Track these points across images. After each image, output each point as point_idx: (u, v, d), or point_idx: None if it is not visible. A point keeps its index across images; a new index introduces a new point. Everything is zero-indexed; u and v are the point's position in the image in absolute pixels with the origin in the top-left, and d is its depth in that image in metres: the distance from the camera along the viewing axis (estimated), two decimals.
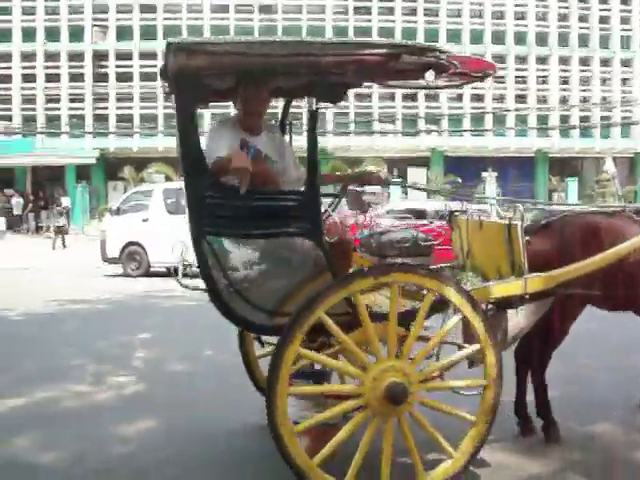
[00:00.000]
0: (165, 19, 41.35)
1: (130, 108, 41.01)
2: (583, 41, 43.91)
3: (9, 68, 40.53)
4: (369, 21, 42.60)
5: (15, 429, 5.44)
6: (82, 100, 41.16)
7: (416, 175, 40.73)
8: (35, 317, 10.94)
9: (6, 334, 9.62)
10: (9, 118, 40.78)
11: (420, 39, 39.71)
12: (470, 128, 41.68)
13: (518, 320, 4.44)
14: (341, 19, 42.66)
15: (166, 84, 4.44)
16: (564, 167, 44.56)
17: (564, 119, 42.91)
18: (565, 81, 44.17)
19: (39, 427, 5.54)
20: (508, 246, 4.34)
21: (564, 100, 44.10)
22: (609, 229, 4.79)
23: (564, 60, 43.91)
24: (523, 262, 4.30)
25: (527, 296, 4.32)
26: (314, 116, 3.94)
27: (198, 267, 3.94)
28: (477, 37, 42.97)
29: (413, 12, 43.27)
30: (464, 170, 39.78)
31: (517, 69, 43.31)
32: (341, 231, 4.31)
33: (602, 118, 42.91)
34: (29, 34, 40.70)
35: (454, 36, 42.35)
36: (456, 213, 5.34)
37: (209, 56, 3.70)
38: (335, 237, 3.98)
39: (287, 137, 4.98)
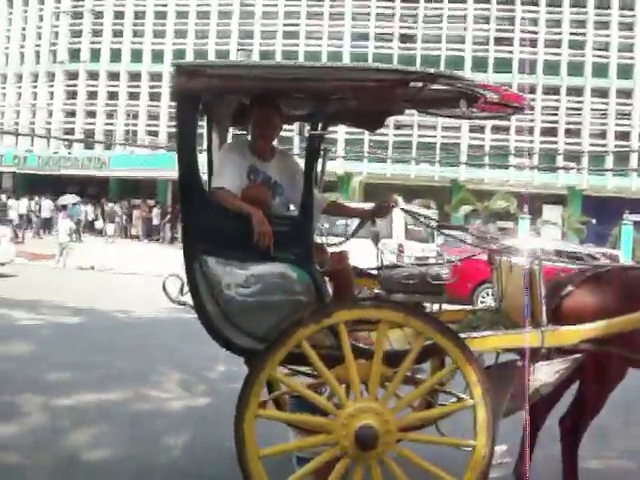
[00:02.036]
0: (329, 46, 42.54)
1: None
2: None
3: (159, 87, 42.76)
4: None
5: (81, 423, 5.93)
6: None
7: (551, 213, 39.32)
8: (139, 322, 11.32)
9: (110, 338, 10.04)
10: (155, 134, 43.14)
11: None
12: (613, 167, 39.79)
13: (541, 376, 4.00)
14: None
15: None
16: None
17: None
18: None
19: (103, 424, 5.92)
20: (528, 293, 4.05)
21: None
22: None
23: None
24: (541, 311, 3.98)
25: (548, 350, 3.98)
26: (313, 141, 3.90)
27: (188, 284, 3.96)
28: (626, 71, 41.20)
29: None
30: (604, 211, 38.01)
31: None
32: (337, 261, 4.21)
33: None
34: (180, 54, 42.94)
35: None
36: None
37: (210, 79, 3.79)
38: (326, 266, 3.89)
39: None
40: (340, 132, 40.59)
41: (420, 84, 3.87)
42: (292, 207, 4.36)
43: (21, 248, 24.91)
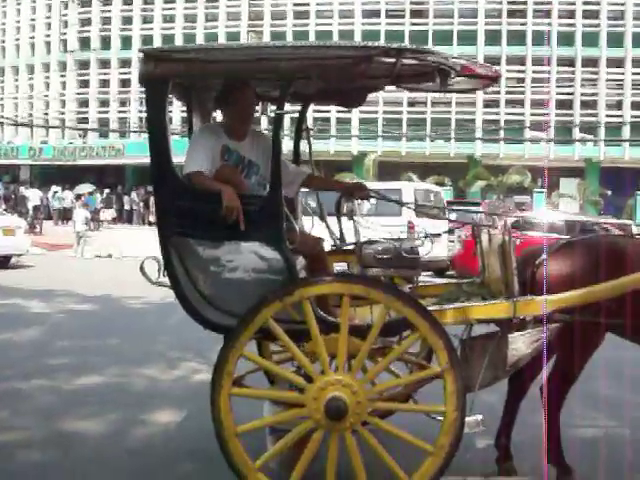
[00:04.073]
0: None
1: None
2: None
3: None
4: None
5: (77, 403, 6.17)
6: None
7: (568, 186, 39.02)
8: (150, 307, 11.45)
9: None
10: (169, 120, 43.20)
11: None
12: (629, 138, 39.33)
13: (519, 347, 3.99)
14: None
15: None
16: None
17: None
18: None
19: (99, 404, 6.10)
20: (501, 263, 4.07)
21: None
22: (635, 254, 4.29)
23: None
24: (513, 282, 3.99)
25: (523, 320, 4.00)
26: (279, 120, 3.93)
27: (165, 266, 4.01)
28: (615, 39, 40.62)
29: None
30: (620, 183, 37.66)
31: None
32: (310, 241, 4.25)
33: None
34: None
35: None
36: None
37: (177, 63, 3.85)
38: (296, 245, 3.91)
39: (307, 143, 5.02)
40: (354, 111, 40.62)
41: (393, 60, 3.88)
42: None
43: (39, 239, 25.27)
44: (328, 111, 39.61)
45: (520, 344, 4.00)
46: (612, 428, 5.71)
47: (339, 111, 39.47)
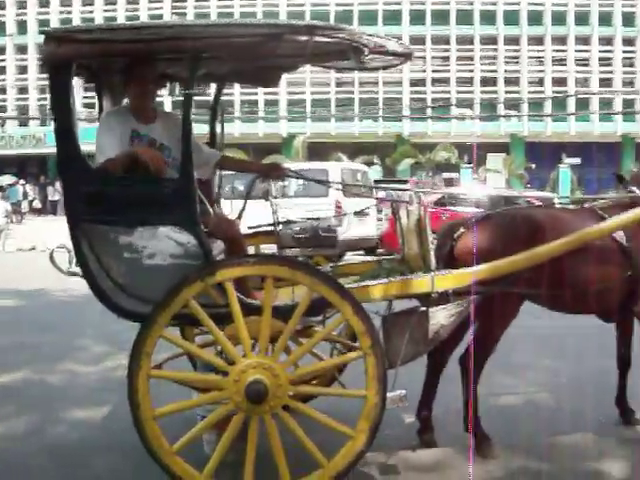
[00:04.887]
0: None
1: None
2: None
3: None
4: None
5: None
6: None
7: (494, 161, 39.80)
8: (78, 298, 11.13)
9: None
10: (92, 105, 42.12)
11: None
12: (551, 113, 40.33)
13: (439, 320, 4.00)
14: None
15: None
16: None
17: None
18: None
19: (16, 403, 5.87)
20: (419, 239, 4.10)
21: None
22: (549, 225, 4.39)
23: None
24: (430, 256, 4.04)
25: (444, 294, 4.02)
26: (188, 101, 3.81)
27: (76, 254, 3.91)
28: (560, 18, 41.55)
29: None
30: (545, 156, 38.65)
31: (601, 51, 41.69)
32: (225, 224, 4.19)
33: None
34: None
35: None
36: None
37: (80, 44, 3.70)
38: (211, 227, 3.86)
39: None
40: (282, 93, 40.46)
41: (304, 37, 3.82)
42: None
43: None
44: (256, 93, 39.37)
45: (440, 318, 4.01)
46: (531, 394, 5.81)
47: (267, 93, 39.30)
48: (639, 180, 5.01)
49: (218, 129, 4.98)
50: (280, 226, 4.57)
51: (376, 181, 20.54)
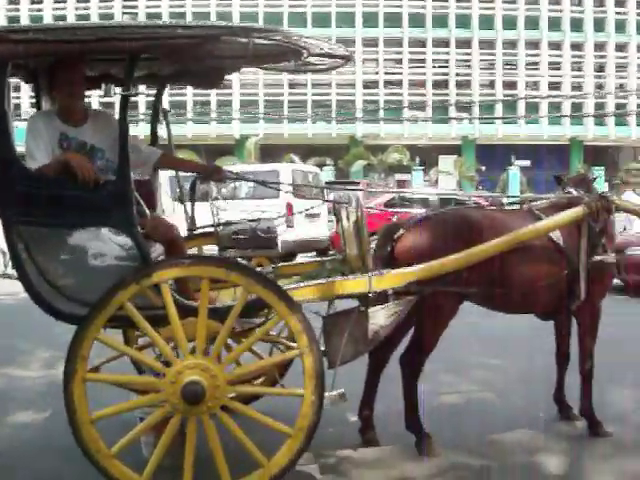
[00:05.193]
0: None
1: None
2: (620, 27, 42.82)
3: None
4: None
5: None
6: None
7: (446, 163, 40.31)
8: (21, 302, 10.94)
9: None
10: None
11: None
12: (502, 116, 40.98)
13: (378, 320, 4.01)
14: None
15: None
16: (600, 155, 43.52)
17: (599, 107, 41.96)
18: (601, 67, 43.19)
19: None
20: (357, 239, 4.12)
21: (599, 87, 43.09)
22: (486, 225, 4.45)
23: (600, 46, 42.91)
24: (368, 257, 4.06)
25: (383, 294, 4.05)
26: (125, 102, 3.77)
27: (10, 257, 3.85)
28: (511, 23, 42.24)
29: None
30: (495, 158, 39.28)
31: (551, 55, 42.50)
32: (162, 226, 4.16)
33: (639, 106, 41.84)
34: None
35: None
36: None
37: (16, 44, 3.59)
38: (148, 229, 3.85)
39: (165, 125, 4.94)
40: (235, 94, 40.33)
41: (243, 39, 3.81)
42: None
43: None
44: (208, 94, 39.16)
45: (380, 317, 4.04)
46: (474, 392, 5.89)
47: (220, 94, 39.12)
48: (577, 182, 5.12)
49: (161, 130, 4.96)
50: (220, 227, 4.55)
51: (328, 183, 20.61)
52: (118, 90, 4.44)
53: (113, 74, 4.52)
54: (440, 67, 42.63)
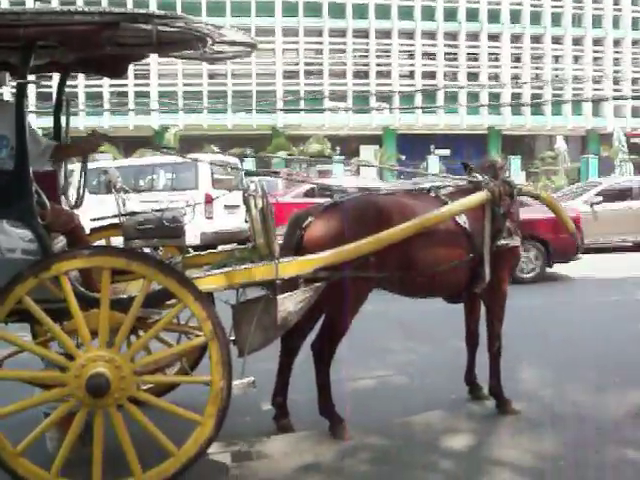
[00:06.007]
0: None
1: None
2: (535, 19, 43.92)
3: None
4: None
5: None
6: None
7: (367, 153, 40.67)
8: None
9: None
10: None
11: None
12: (421, 105, 41.56)
13: (287, 307, 4.03)
14: None
15: None
16: (516, 144, 44.64)
17: (516, 96, 42.99)
18: (517, 58, 44.27)
19: None
20: (263, 226, 4.13)
21: (516, 77, 44.17)
22: (394, 210, 4.53)
23: (516, 37, 43.96)
24: (274, 244, 4.08)
25: (292, 280, 4.09)
26: (21, 90, 3.70)
27: None
28: (430, 13, 42.87)
29: None
30: (416, 148, 39.80)
31: (468, 46, 43.29)
32: (63, 217, 4.09)
33: (553, 96, 43.09)
34: None
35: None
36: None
37: None
38: (48, 220, 3.74)
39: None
40: (153, 85, 39.62)
41: (146, 26, 3.73)
42: None
43: None
44: (125, 85, 38.39)
45: (288, 304, 4.05)
46: (387, 376, 5.99)
47: (137, 85, 38.41)
48: (484, 168, 5.24)
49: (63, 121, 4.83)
50: (125, 218, 4.48)
51: (247, 173, 20.47)
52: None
53: (13, 62, 4.38)
54: (361, 57, 42.89)
